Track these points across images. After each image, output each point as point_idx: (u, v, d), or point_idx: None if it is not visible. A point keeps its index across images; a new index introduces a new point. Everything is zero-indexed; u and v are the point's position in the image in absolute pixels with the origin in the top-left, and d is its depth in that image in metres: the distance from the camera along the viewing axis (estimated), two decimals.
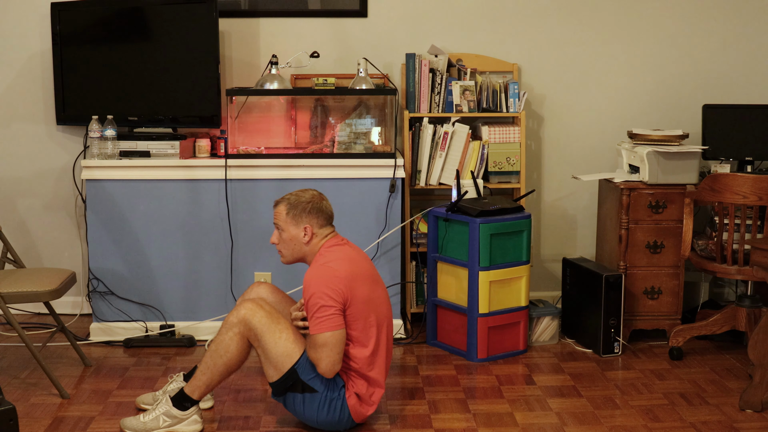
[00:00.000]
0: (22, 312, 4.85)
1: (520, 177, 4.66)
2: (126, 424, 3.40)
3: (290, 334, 3.33)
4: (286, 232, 3.44)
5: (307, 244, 3.44)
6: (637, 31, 4.85)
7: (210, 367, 3.36)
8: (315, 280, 3.31)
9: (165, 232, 4.43)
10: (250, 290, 3.63)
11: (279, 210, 3.46)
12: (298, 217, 3.42)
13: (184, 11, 4.48)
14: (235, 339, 3.32)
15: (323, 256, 3.40)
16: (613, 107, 4.90)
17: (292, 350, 3.31)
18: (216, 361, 3.35)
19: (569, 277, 4.54)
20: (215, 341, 3.37)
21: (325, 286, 3.29)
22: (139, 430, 3.37)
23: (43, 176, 4.81)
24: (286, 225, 3.43)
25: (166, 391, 3.60)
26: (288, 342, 3.31)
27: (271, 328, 3.30)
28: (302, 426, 3.50)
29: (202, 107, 4.51)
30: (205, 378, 3.37)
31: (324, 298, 3.27)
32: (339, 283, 3.30)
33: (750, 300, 4.20)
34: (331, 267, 3.33)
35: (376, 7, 4.76)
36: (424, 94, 4.59)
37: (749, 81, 4.89)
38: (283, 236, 3.45)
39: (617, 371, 4.13)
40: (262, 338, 3.30)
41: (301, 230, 3.42)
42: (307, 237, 3.42)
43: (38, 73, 4.73)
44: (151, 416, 3.38)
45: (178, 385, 3.61)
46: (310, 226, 3.42)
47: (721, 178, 4.05)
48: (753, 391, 3.65)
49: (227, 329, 3.34)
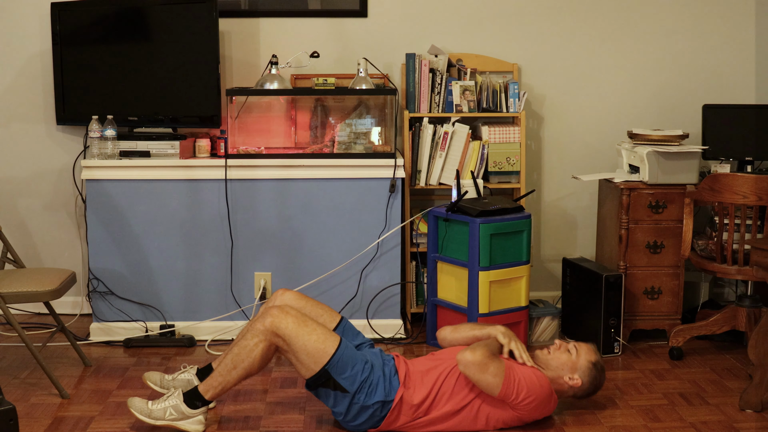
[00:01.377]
0: (22, 312, 4.85)
1: (520, 177, 4.66)
2: (134, 404, 3.43)
3: (320, 335, 3.36)
4: (573, 363, 3.56)
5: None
6: (637, 31, 4.85)
7: (229, 370, 3.38)
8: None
9: (165, 232, 4.43)
10: (274, 297, 3.67)
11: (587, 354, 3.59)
12: (584, 375, 3.56)
13: (184, 11, 4.48)
14: (260, 346, 3.35)
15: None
16: (613, 107, 4.90)
17: (323, 351, 3.33)
18: (237, 365, 3.37)
19: (569, 277, 4.54)
20: (238, 345, 3.39)
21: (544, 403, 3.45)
22: (143, 414, 3.40)
23: (43, 176, 4.81)
24: (578, 366, 3.55)
25: (176, 379, 3.64)
26: (318, 344, 3.33)
27: (300, 332, 3.33)
28: (303, 426, 3.50)
29: (202, 107, 4.51)
30: (221, 379, 3.39)
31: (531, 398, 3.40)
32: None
33: (750, 300, 4.20)
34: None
35: (376, 7, 4.76)
36: (424, 94, 4.59)
37: (749, 81, 4.89)
38: (565, 359, 3.55)
39: (617, 371, 4.13)
40: (291, 343, 3.33)
41: (576, 377, 3.54)
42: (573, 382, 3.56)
43: (38, 73, 4.73)
44: (160, 406, 3.40)
45: (188, 377, 3.64)
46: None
47: (721, 178, 4.05)
48: (753, 391, 3.65)
49: (253, 336, 3.36)
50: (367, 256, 4.45)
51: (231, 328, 4.47)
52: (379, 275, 4.48)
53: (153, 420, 3.39)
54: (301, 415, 3.61)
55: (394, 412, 3.38)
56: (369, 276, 4.47)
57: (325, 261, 4.45)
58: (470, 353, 3.33)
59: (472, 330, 3.61)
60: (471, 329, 3.62)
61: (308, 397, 3.76)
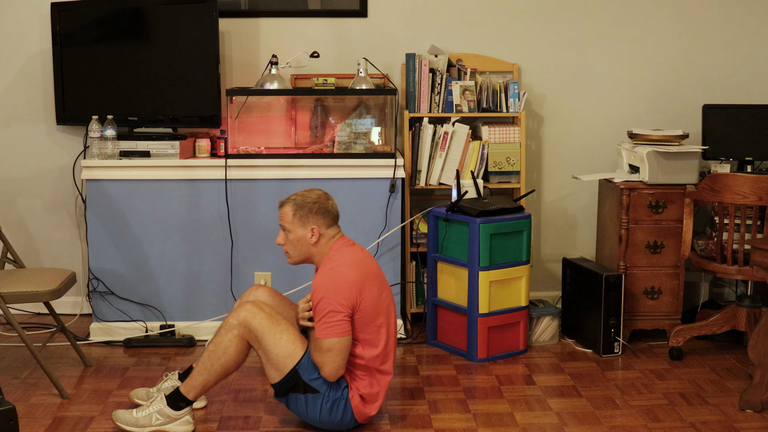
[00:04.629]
0: (22, 312, 4.85)
1: (520, 177, 4.66)
2: (118, 416, 3.42)
3: (291, 335, 3.33)
4: (292, 233, 3.42)
5: (314, 245, 3.43)
6: (637, 31, 4.85)
7: (207, 368, 3.37)
8: (324, 285, 3.30)
9: (165, 232, 4.43)
10: (248, 293, 3.64)
11: (285, 211, 3.43)
12: (304, 218, 3.40)
13: (184, 11, 4.48)
14: (234, 341, 3.33)
15: (332, 259, 3.39)
16: (613, 107, 4.90)
17: (293, 351, 3.31)
18: (214, 363, 3.36)
19: (569, 277, 4.54)
20: (213, 342, 3.38)
21: (335, 291, 3.28)
22: (130, 425, 3.39)
23: (43, 176, 4.81)
24: (293, 226, 3.41)
25: (160, 389, 3.61)
26: (289, 343, 3.31)
27: (272, 330, 3.31)
28: (303, 426, 3.50)
29: (202, 107, 4.51)
30: (201, 378, 3.38)
31: (332, 303, 3.26)
32: (349, 289, 3.29)
33: (750, 300, 4.20)
34: (341, 272, 3.32)
35: (376, 7, 4.76)
36: (424, 94, 4.59)
37: (749, 81, 4.89)
38: (290, 237, 3.43)
39: (617, 371, 4.13)
40: (262, 340, 3.31)
41: (308, 231, 3.40)
42: (315, 238, 3.41)
43: (38, 73, 4.73)
44: (144, 413, 3.39)
45: (172, 383, 3.62)
46: (317, 226, 3.41)
47: (721, 178, 4.05)
48: (753, 391, 3.65)
49: (227, 331, 3.34)
50: None
51: None
52: None
53: (141, 428, 3.38)
54: None
55: (353, 390, 3.36)
56: None
57: None
58: (326, 369, 3.31)
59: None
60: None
61: None
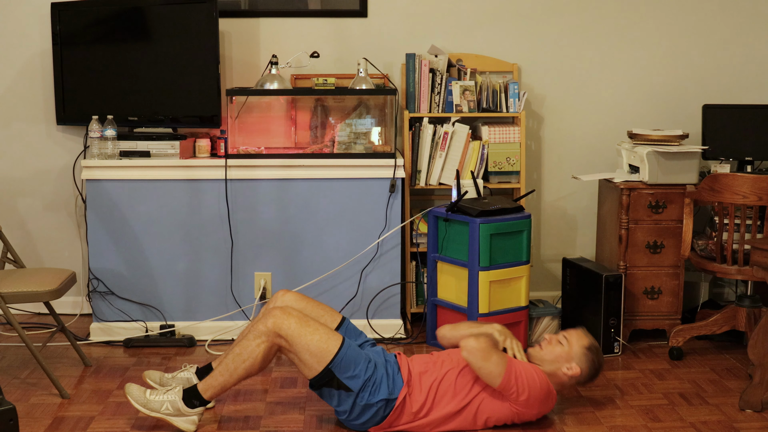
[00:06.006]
0: (22, 312, 4.85)
1: (520, 177, 4.66)
2: (131, 392, 3.43)
3: (321, 335, 3.36)
4: (567, 353, 3.55)
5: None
6: (637, 31, 4.85)
7: (230, 370, 3.39)
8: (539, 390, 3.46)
9: (165, 232, 4.43)
10: (275, 299, 3.67)
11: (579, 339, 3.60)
12: (581, 362, 3.55)
13: (184, 11, 4.48)
14: (262, 347, 3.35)
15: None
16: (613, 107, 4.90)
17: (326, 350, 3.34)
18: (238, 366, 3.38)
19: (569, 277, 4.54)
20: (240, 345, 3.39)
21: (541, 402, 3.46)
22: (139, 403, 3.40)
23: (43, 176, 4.81)
24: (572, 355, 3.54)
25: (175, 378, 3.65)
26: (321, 343, 3.34)
27: (302, 333, 3.34)
28: (303, 426, 3.50)
29: (202, 107, 4.51)
30: (222, 379, 3.40)
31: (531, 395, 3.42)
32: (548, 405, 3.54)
33: (750, 300, 4.20)
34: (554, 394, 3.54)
35: (376, 7, 4.76)
36: (424, 94, 4.59)
37: (749, 81, 4.89)
38: (558, 351, 3.55)
39: (617, 371, 4.13)
40: (294, 343, 3.34)
41: (573, 366, 3.53)
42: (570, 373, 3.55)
43: (38, 73, 4.73)
44: (157, 397, 3.40)
45: (187, 375, 3.65)
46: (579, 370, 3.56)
47: (721, 178, 4.05)
48: (753, 391, 3.65)
49: (255, 337, 3.37)
50: (367, 256, 4.45)
51: (231, 328, 4.48)
52: (379, 275, 4.48)
53: (147, 410, 3.39)
54: (301, 415, 3.61)
55: (397, 410, 3.38)
56: (369, 276, 4.48)
57: (325, 261, 4.46)
58: (474, 340, 3.37)
59: (470, 328, 3.64)
60: (469, 327, 3.65)
61: (308, 397, 3.77)
